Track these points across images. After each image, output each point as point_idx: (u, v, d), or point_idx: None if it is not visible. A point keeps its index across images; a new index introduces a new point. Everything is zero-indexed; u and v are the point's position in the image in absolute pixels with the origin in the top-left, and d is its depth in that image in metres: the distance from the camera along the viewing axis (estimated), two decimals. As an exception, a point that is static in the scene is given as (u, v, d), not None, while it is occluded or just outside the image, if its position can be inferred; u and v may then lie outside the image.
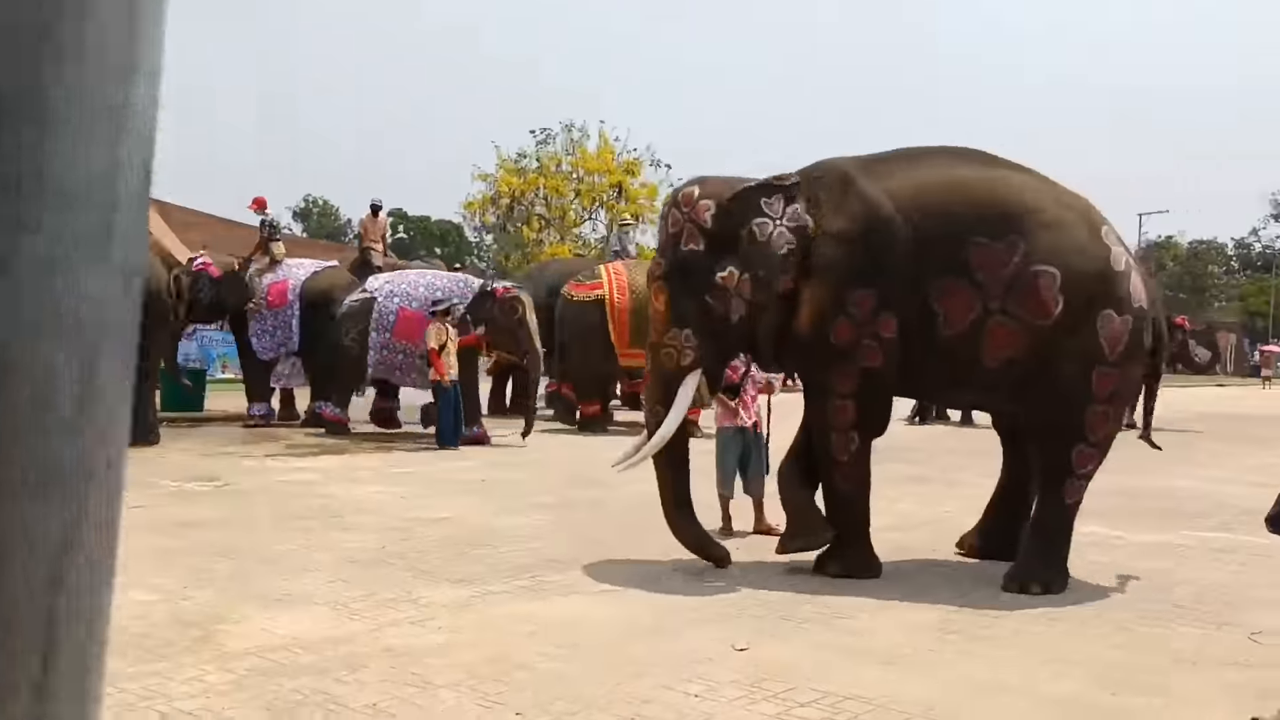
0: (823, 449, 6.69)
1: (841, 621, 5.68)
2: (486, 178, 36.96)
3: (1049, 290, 6.27)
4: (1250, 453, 15.47)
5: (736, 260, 6.50)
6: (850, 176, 6.61)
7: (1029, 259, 6.27)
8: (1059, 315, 6.28)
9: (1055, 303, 6.28)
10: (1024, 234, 6.31)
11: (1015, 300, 6.28)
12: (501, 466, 11.07)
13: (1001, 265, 6.29)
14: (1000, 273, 6.29)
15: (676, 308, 6.58)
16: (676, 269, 6.58)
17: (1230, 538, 8.43)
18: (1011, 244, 6.30)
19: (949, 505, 9.28)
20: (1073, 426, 6.47)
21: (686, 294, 6.55)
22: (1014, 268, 6.28)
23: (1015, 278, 6.28)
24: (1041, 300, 6.27)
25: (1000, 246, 6.30)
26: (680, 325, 6.58)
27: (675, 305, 6.59)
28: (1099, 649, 5.33)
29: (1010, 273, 6.28)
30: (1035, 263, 6.27)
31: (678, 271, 6.58)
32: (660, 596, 6.01)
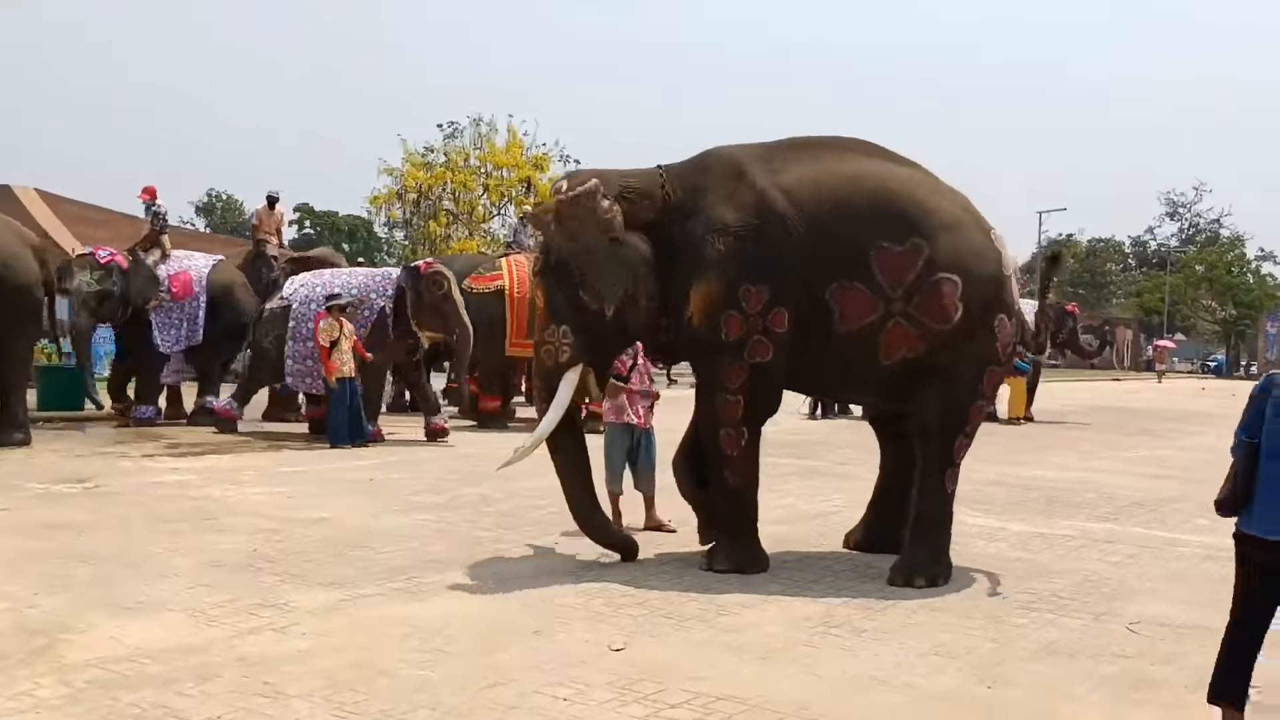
0: (712, 444, 6.59)
1: (724, 618, 5.57)
2: (392, 172, 36.27)
3: (951, 297, 6.28)
4: (1140, 444, 15.84)
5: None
6: (742, 167, 6.50)
7: (932, 265, 6.26)
8: (959, 321, 6.32)
9: (955, 309, 6.30)
10: (925, 237, 6.29)
11: (917, 305, 6.27)
12: (391, 465, 10.79)
13: (905, 270, 6.26)
14: (903, 277, 6.26)
15: (553, 304, 6.46)
16: (550, 265, 6.45)
17: (1115, 529, 8.54)
18: (915, 248, 6.27)
19: (838, 499, 9.27)
20: (959, 421, 6.51)
21: (561, 290, 6.42)
22: (917, 273, 6.26)
23: (918, 283, 6.26)
24: (943, 306, 6.28)
25: (903, 250, 6.27)
26: (557, 322, 6.46)
27: (552, 302, 6.46)
28: (978, 641, 5.31)
29: (914, 278, 6.26)
30: (938, 269, 6.26)
31: (552, 268, 6.45)
32: (539, 596, 5.84)
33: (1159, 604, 6.17)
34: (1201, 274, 60.32)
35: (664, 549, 7.15)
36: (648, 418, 7.78)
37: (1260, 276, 60.67)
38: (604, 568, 6.59)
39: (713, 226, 6.35)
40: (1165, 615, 5.92)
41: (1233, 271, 59.40)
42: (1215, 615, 5.91)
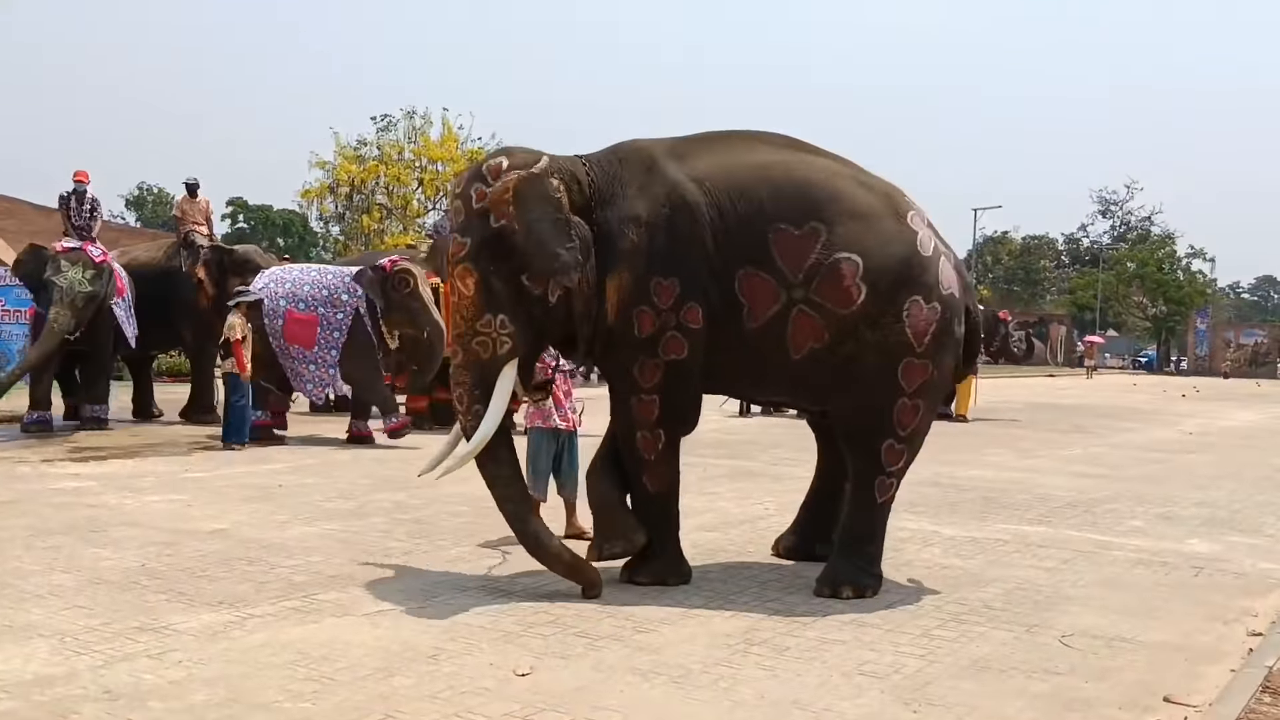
0: (628, 448, 6.26)
1: (640, 636, 5.26)
2: (324, 165, 35.59)
3: (851, 278, 5.98)
4: (1074, 441, 15.81)
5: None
6: (655, 158, 6.23)
7: (830, 247, 5.99)
8: (862, 303, 6.00)
9: (858, 290, 5.99)
10: (826, 220, 6.03)
11: (818, 290, 5.99)
12: (305, 469, 10.32)
13: (803, 254, 6.00)
14: (802, 261, 5.99)
15: (488, 291, 6.03)
16: (488, 247, 6.02)
17: (1049, 531, 8.37)
18: (813, 231, 6.01)
19: (769, 502, 9.02)
20: (881, 421, 6.18)
21: (500, 276, 6.01)
22: (816, 256, 5.99)
23: (817, 266, 5.99)
24: (844, 288, 5.98)
25: (801, 233, 6.01)
26: (495, 311, 6.01)
27: (487, 288, 6.04)
28: (904, 658, 5.05)
29: (812, 261, 5.99)
30: (837, 250, 5.99)
31: (490, 251, 6.02)
32: (445, 615, 5.48)
33: (1092, 614, 5.97)
34: (1133, 271, 61.25)
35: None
36: (575, 420, 7.44)
37: (1190, 274, 61.77)
38: (519, 581, 6.24)
39: (626, 217, 6.06)
40: (1098, 626, 5.71)
41: (1163, 269, 60.40)
42: (1145, 626, 5.76)
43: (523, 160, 6.11)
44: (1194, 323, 58.91)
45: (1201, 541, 8.18)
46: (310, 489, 9.10)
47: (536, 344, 6.33)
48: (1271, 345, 57.82)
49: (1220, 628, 5.81)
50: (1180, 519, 9.16)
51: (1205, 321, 59.16)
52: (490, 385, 6.01)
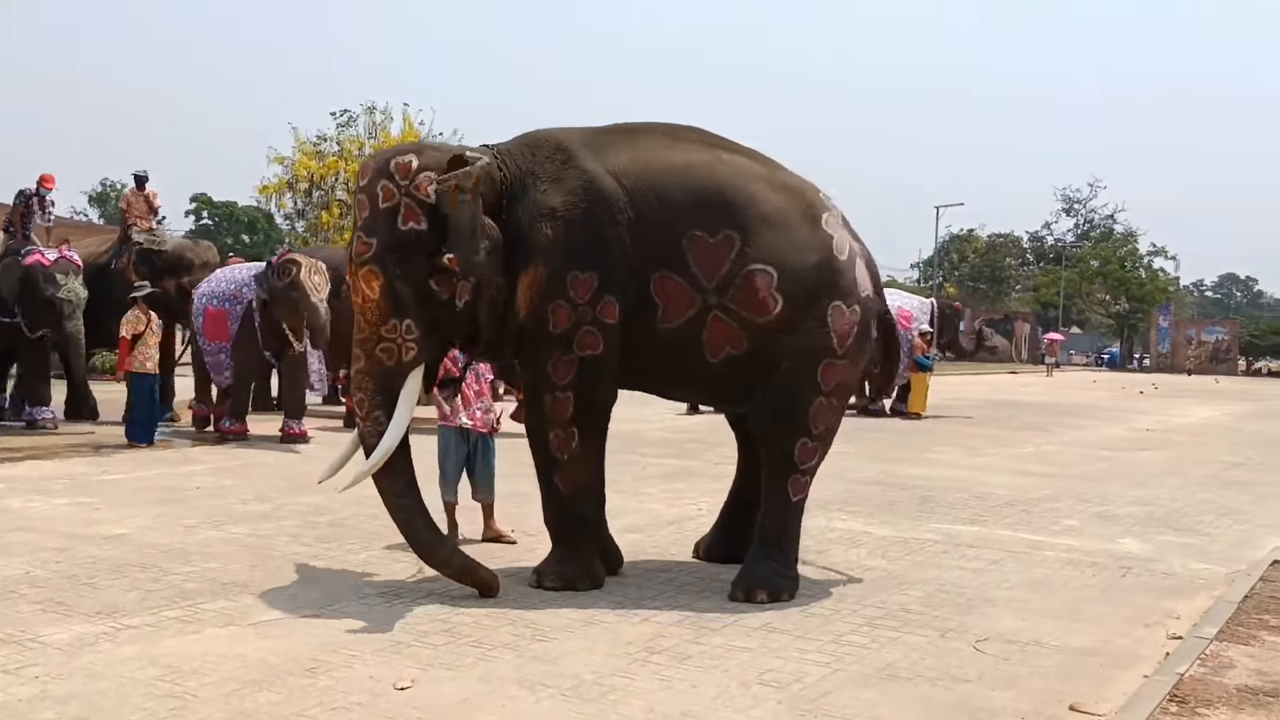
0: (539, 448, 6.05)
1: (538, 645, 5.04)
2: (283, 161, 35.15)
3: (766, 289, 5.85)
4: (1026, 439, 15.71)
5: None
6: (570, 150, 6.02)
7: (745, 257, 5.83)
8: (780, 312, 5.87)
9: (774, 300, 5.86)
10: (741, 228, 5.86)
11: (733, 298, 5.84)
12: (227, 471, 10.02)
13: (717, 262, 5.83)
14: (716, 269, 5.83)
15: (394, 295, 5.78)
16: (395, 250, 5.77)
17: (982, 531, 8.22)
18: (727, 239, 5.84)
19: (703, 502, 8.80)
20: (798, 421, 6.03)
21: (407, 279, 5.76)
22: (730, 266, 5.83)
23: (731, 276, 5.82)
24: (760, 299, 5.84)
25: (716, 241, 5.84)
26: (400, 315, 5.77)
27: (392, 292, 5.79)
28: (809, 666, 4.86)
29: (726, 271, 5.83)
30: (751, 261, 5.83)
31: (395, 253, 5.77)
32: (334, 624, 5.24)
33: (1011, 617, 5.81)
34: (1096, 269, 61.50)
35: (500, 563, 6.59)
36: (486, 421, 7.21)
37: (1152, 271, 62.09)
38: (423, 586, 6.01)
39: (540, 211, 5.84)
40: (1015, 630, 5.55)
41: (1126, 266, 60.69)
42: (1065, 630, 5.60)
43: (435, 159, 5.87)
44: (1156, 320, 59.24)
45: (1135, 541, 8.05)
46: (228, 491, 8.82)
47: (441, 348, 6.12)
48: (1232, 342, 58.26)
49: (1141, 631, 5.67)
50: (1117, 518, 9.04)
51: (1167, 319, 59.51)
52: (394, 393, 5.79)
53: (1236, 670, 4.90)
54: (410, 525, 5.81)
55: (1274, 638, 5.47)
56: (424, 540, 5.81)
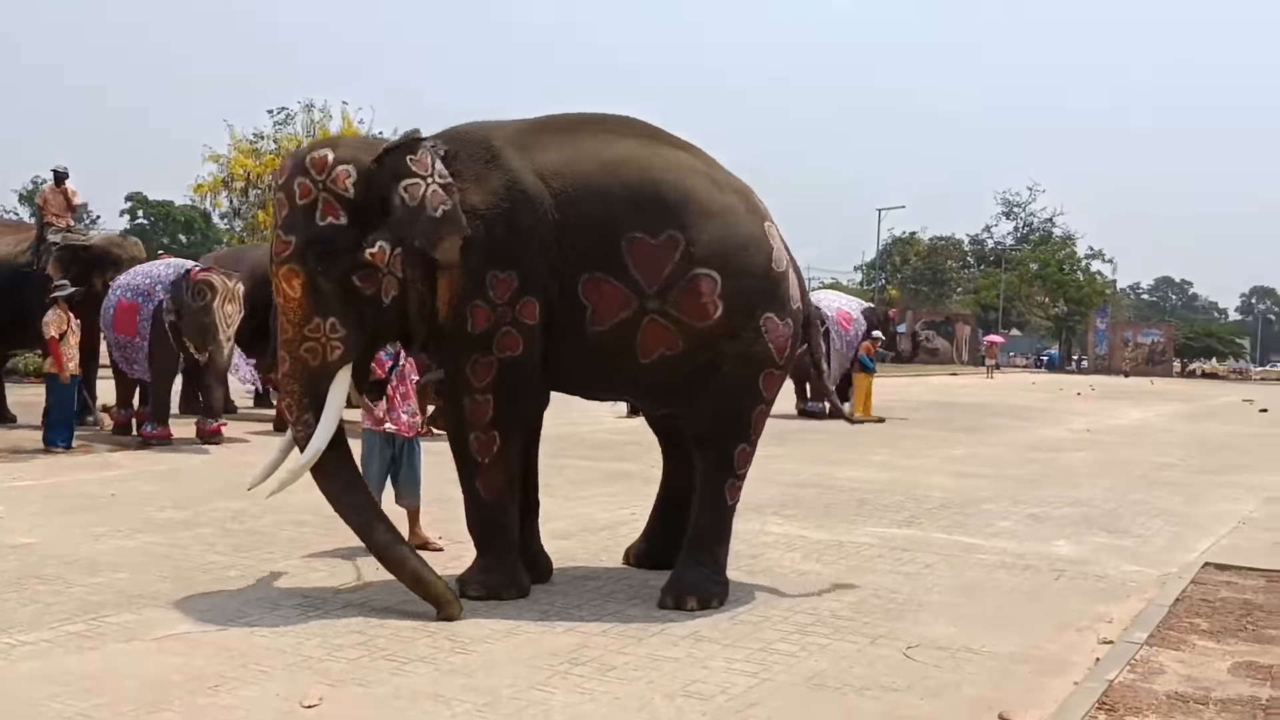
0: (459, 451, 5.87)
1: (457, 657, 4.87)
2: (219, 159, 34.54)
3: (709, 295, 5.73)
4: (962, 441, 15.76)
5: (386, 232, 5.55)
6: (495, 146, 5.85)
7: (689, 260, 5.70)
8: (719, 318, 5.77)
9: (715, 306, 5.75)
10: (683, 229, 5.73)
11: (674, 303, 5.70)
12: (147, 476, 9.69)
13: (660, 264, 5.69)
14: (658, 272, 5.69)
15: (316, 293, 5.58)
16: (314, 246, 5.55)
17: (917, 534, 8.16)
18: (671, 240, 5.70)
19: (636, 506, 8.64)
20: (738, 426, 5.95)
21: (329, 276, 5.56)
22: (673, 267, 5.69)
23: (673, 279, 5.69)
24: (701, 304, 5.73)
25: (658, 243, 5.69)
26: (324, 314, 5.57)
27: (315, 290, 5.59)
28: (736, 676, 4.74)
29: (669, 272, 5.69)
30: (695, 264, 5.71)
31: (316, 250, 5.56)
32: (244, 638, 5.02)
33: (943, 623, 5.73)
34: (1035, 271, 62.30)
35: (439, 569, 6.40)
36: (412, 425, 7.01)
37: (1090, 274, 62.97)
38: (342, 597, 5.81)
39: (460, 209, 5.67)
40: (946, 636, 5.47)
41: (1064, 269, 61.52)
42: (996, 635, 5.53)
43: (351, 153, 5.69)
44: (1094, 322, 60.10)
45: (1068, 543, 8.04)
46: (146, 498, 8.51)
47: (370, 346, 5.94)
48: (1167, 344, 59.30)
49: (1072, 636, 5.61)
50: (1051, 519, 9.04)
51: (1105, 321, 60.40)
52: (321, 394, 5.60)
53: (1166, 676, 4.85)
54: (366, 527, 5.61)
55: (1204, 642, 5.45)
56: (382, 541, 5.60)
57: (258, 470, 6.10)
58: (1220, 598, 6.34)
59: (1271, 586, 6.70)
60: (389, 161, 5.60)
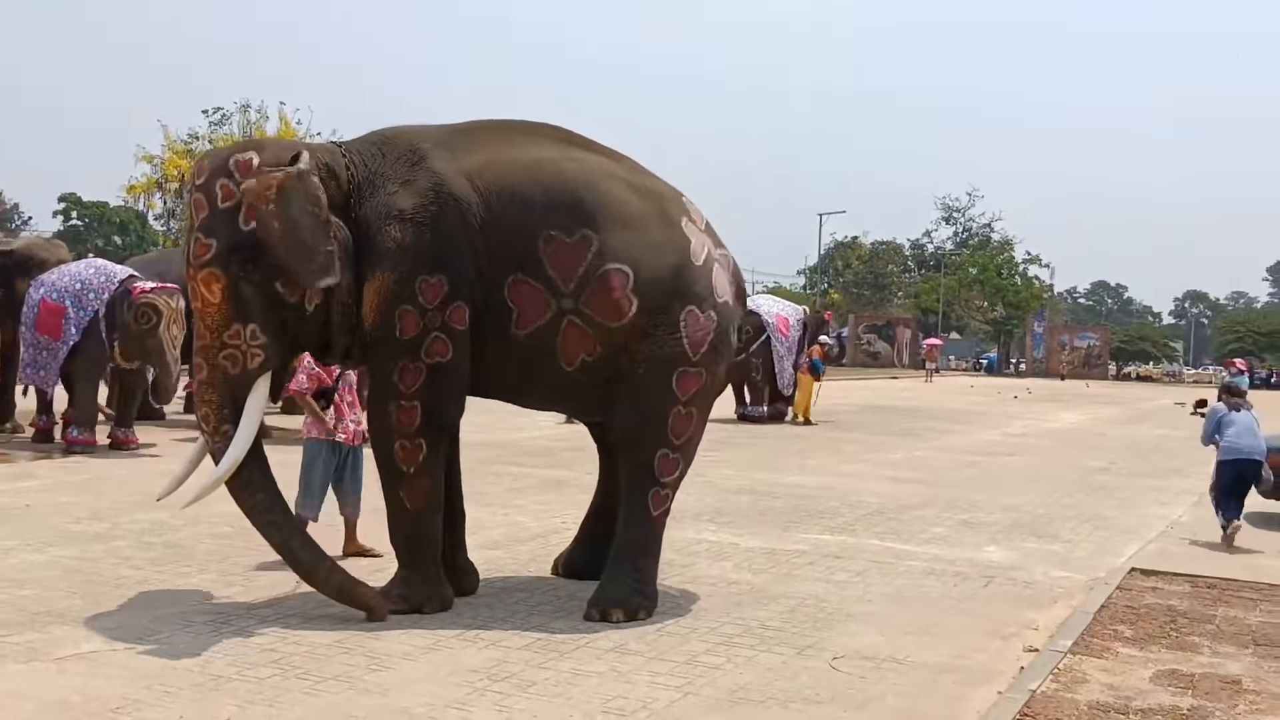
0: (385, 460, 5.73)
1: (373, 675, 4.73)
2: (152, 160, 33.89)
3: (621, 290, 5.65)
4: (900, 445, 15.83)
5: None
6: (422, 150, 5.75)
7: (602, 257, 5.63)
8: (633, 316, 5.68)
9: (629, 303, 5.67)
10: (596, 229, 5.67)
11: (587, 302, 5.62)
12: (66, 487, 9.39)
13: (574, 263, 5.62)
14: (573, 271, 5.61)
15: (237, 299, 5.43)
16: (237, 251, 5.41)
17: (849, 541, 8.15)
18: (584, 239, 5.64)
19: (570, 514, 8.54)
20: (655, 431, 5.83)
21: (252, 282, 5.42)
22: (586, 266, 5.62)
23: (587, 277, 5.61)
24: (614, 300, 5.64)
25: (572, 241, 5.62)
26: (245, 320, 5.44)
27: (236, 296, 5.43)
28: (659, 690, 4.66)
29: (583, 271, 5.61)
30: (608, 260, 5.64)
31: (237, 254, 5.41)
32: (153, 656, 4.85)
33: (871, 632, 5.70)
34: (974, 276, 63.07)
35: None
36: (358, 433, 6.84)
37: (1027, 279, 63.84)
38: (257, 612, 5.64)
39: (388, 213, 5.57)
40: (873, 646, 5.43)
41: (1002, 274, 62.32)
42: (923, 645, 5.51)
43: (276, 155, 5.55)
44: (1031, 326, 61.00)
45: (999, 549, 8.07)
46: (62, 509, 8.24)
47: (289, 355, 5.81)
48: (1103, 348, 60.33)
49: (998, 644, 5.61)
50: (983, 525, 9.07)
51: (1042, 325, 61.31)
52: (240, 403, 5.47)
53: (1089, 685, 4.85)
54: (286, 544, 5.52)
55: (1128, 650, 5.47)
56: (302, 559, 5.51)
57: (166, 481, 5.93)
58: (1145, 604, 6.39)
59: (1195, 592, 6.77)
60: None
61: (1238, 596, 6.72)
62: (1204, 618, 6.15)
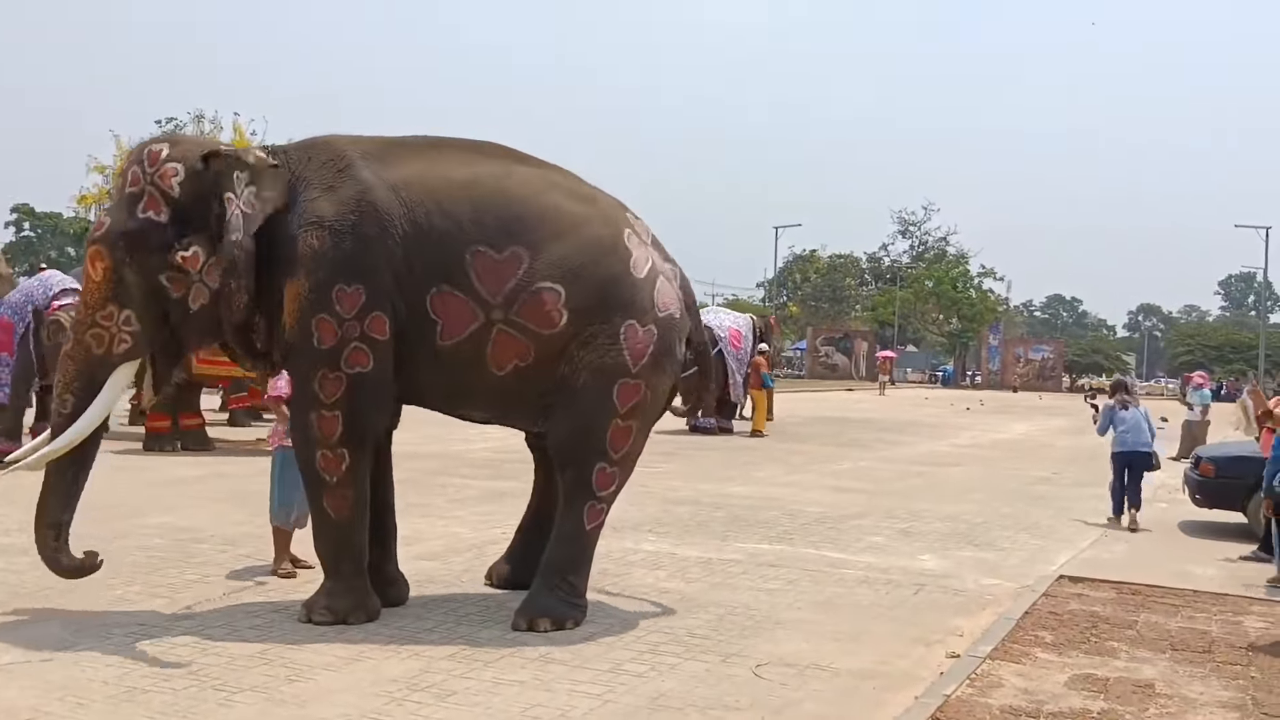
0: (307, 469, 5.72)
1: (292, 686, 4.70)
2: (104, 170, 33.47)
3: (554, 305, 5.66)
4: (847, 456, 15.95)
5: (203, 238, 5.49)
6: (348, 159, 5.76)
7: (533, 274, 5.64)
8: (565, 326, 5.69)
9: (560, 315, 5.68)
10: (529, 246, 5.68)
11: (519, 312, 5.64)
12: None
13: (504, 278, 5.63)
14: (501, 285, 5.62)
15: (119, 281, 5.48)
16: (127, 236, 5.46)
17: (786, 550, 8.20)
18: (514, 256, 5.65)
19: (508, 525, 8.51)
20: (593, 443, 5.83)
21: (136, 269, 5.46)
22: (517, 282, 5.63)
23: (517, 292, 5.63)
24: (545, 313, 5.66)
25: (502, 258, 5.63)
26: (121, 304, 5.49)
27: (117, 279, 5.48)
28: (579, 699, 4.67)
29: (513, 287, 5.63)
30: (539, 279, 5.65)
31: (128, 240, 5.45)
32: (67, 667, 4.80)
33: (797, 639, 5.74)
34: (930, 289, 63.71)
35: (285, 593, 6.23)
36: None
37: (982, 292, 64.61)
38: (180, 623, 5.58)
39: (308, 220, 5.59)
40: (797, 654, 5.47)
41: (957, 287, 63.03)
42: (846, 651, 5.56)
43: (186, 151, 5.59)
44: (986, 338, 61.70)
45: (934, 557, 8.15)
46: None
47: (171, 351, 5.81)
48: (1057, 360, 61.12)
49: (921, 651, 5.66)
50: (921, 534, 9.16)
51: (997, 337, 62.06)
52: (95, 384, 5.53)
53: (1004, 690, 4.92)
54: (41, 510, 5.60)
55: (1046, 655, 5.54)
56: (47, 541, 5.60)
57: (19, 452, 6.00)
58: (1068, 610, 6.48)
59: (1120, 599, 6.88)
60: (215, 165, 5.55)
61: (1160, 603, 6.83)
62: (1125, 623, 6.25)
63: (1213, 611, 6.66)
